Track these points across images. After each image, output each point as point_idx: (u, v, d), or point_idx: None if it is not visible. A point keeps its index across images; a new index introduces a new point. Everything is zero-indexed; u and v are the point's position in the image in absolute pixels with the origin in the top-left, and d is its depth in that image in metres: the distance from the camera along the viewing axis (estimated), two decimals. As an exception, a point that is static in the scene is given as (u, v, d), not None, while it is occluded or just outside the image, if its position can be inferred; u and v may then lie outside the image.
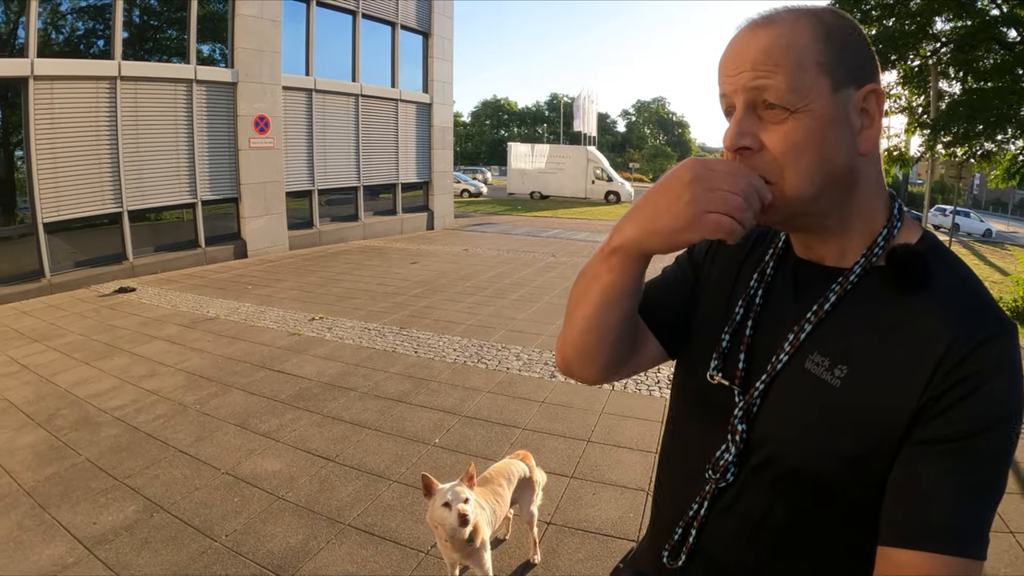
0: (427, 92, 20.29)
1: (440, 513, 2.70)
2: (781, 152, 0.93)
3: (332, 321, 8.62)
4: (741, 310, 1.12)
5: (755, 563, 1.05)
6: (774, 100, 0.92)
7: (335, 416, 5.46)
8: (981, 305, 0.91)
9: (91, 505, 4.00)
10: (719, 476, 1.06)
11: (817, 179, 0.94)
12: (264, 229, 14.74)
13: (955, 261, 0.97)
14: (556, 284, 11.95)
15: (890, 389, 0.89)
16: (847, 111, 0.93)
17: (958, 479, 0.83)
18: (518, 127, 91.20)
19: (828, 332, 0.98)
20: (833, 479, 0.94)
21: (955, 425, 0.84)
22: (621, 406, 5.88)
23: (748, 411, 1.04)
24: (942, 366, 0.86)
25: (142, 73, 12.01)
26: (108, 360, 6.83)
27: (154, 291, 10.53)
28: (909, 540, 0.84)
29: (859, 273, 0.98)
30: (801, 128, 0.92)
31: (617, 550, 3.69)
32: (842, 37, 0.93)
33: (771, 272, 1.12)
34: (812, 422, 0.96)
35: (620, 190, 38.84)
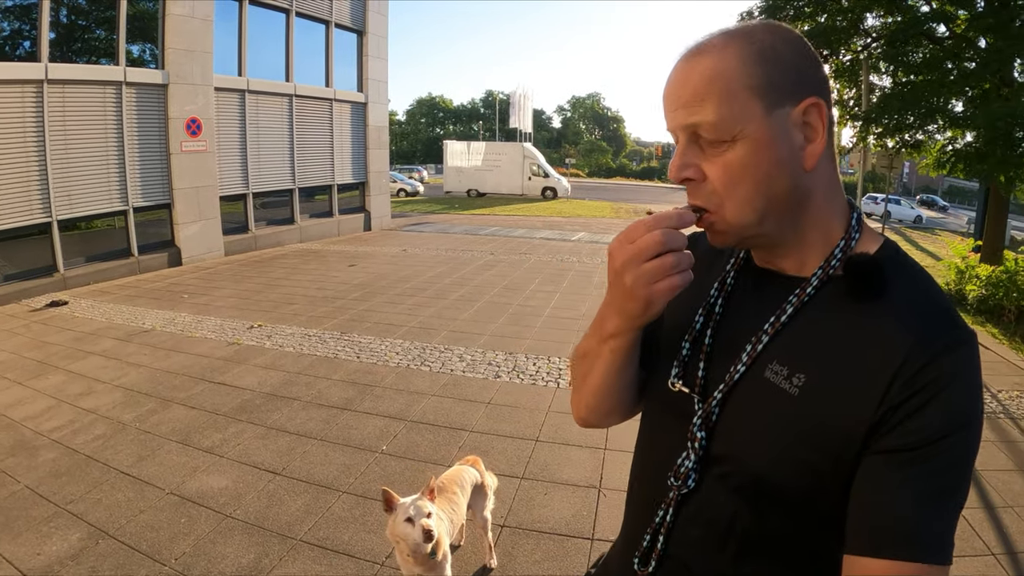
0: (362, 91, 20.04)
1: (403, 529, 2.67)
2: (720, 183, 0.95)
3: (271, 328, 8.48)
4: (701, 319, 1.13)
5: (725, 569, 1.04)
6: (707, 135, 0.94)
7: (279, 427, 5.38)
8: (939, 313, 0.92)
9: (34, 535, 3.83)
10: (680, 483, 1.06)
11: (758, 204, 0.96)
12: (198, 235, 14.36)
13: (914, 269, 0.98)
14: (496, 282, 11.98)
15: (848, 398, 0.90)
16: (786, 130, 0.93)
17: (919, 486, 0.84)
18: (454, 125, 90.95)
19: (787, 341, 0.99)
20: (795, 487, 0.94)
21: (914, 434, 0.85)
22: (567, 404, 5.84)
23: (707, 419, 1.04)
24: (900, 375, 0.86)
25: (70, 76, 11.55)
26: (42, 379, 6.58)
27: (87, 304, 10.18)
28: (872, 548, 0.85)
29: (816, 284, 0.98)
30: (738, 157, 0.93)
31: (573, 549, 3.74)
32: (774, 54, 0.93)
33: (731, 281, 1.13)
34: (770, 430, 0.96)
35: (557, 186, 39.04)
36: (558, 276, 12.75)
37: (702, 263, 1.16)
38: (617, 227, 23.54)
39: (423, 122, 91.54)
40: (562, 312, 9.63)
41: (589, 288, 11.59)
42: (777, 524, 0.98)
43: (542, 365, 7.02)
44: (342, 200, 19.77)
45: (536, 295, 10.89)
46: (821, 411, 0.91)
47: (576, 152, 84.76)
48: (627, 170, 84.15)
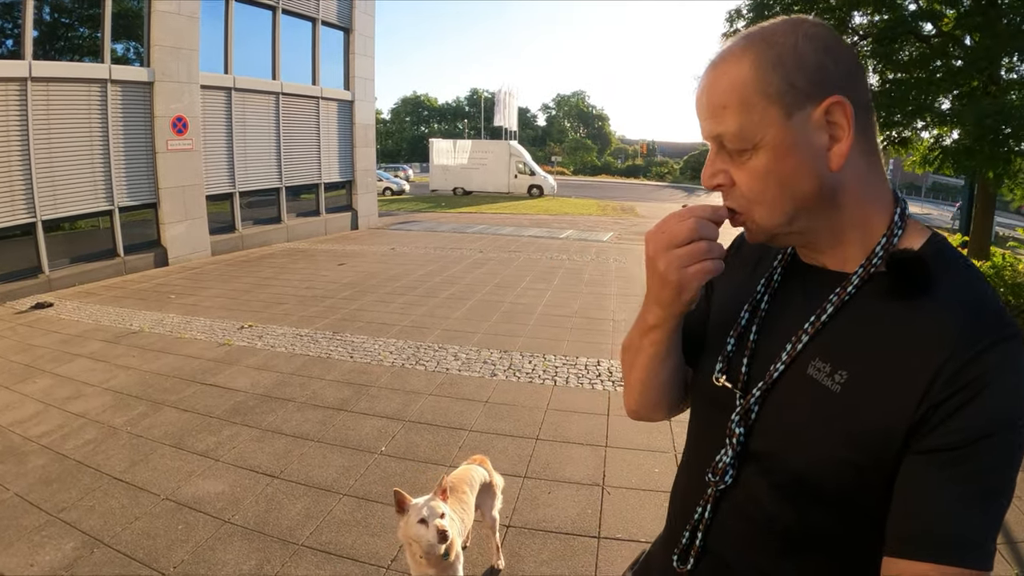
0: (349, 89, 19.88)
1: (416, 530, 2.60)
2: (747, 188, 0.98)
3: (262, 329, 8.37)
4: (746, 315, 1.13)
5: (765, 565, 1.05)
6: (730, 144, 0.97)
7: (275, 429, 5.28)
8: (984, 310, 0.89)
9: (26, 545, 3.71)
10: (718, 479, 1.07)
11: (785, 207, 0.97)
12: (185, 235, 14.19)
13: (961, 265, 0.95)
14: (487, 280, 11.92)
15: (889, 396, 0.88)
16: (807, 133, 0.93)
17: (959, 489, 0.82)
18: (439, 123, 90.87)
19: (830, 338, 0.98)
20: (835, 484, 0.93)
21: (955, 433, 0.83)
22: (566, 402, 5.88)
23: (746, 415, 1.04)
24: (942, 374, 0.84)
25: (54, 74, 11.36)
26: (29, 383, 6.44)
27: (73, 305, 10.02)
28: (909, 550, 0.84)
29: (857, 283, 0.98)
30: (761, 163, 0.95)
31: (580, 548, 3.68)
32: (794, 56, 0.92)
33: (778, 278, 1.13)
34: (812, 427, 0.95)
35: (543, 183, 38.98)
36: (549, 274, 12.70)
37: (750, 260, 1.21)
38: (604, 224, 23.58)
39: (408, 121, 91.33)
40: (555, 310, 9.58)
41: (580, 286, 11.55)
42: (817, 521, 0.97)
43: (538, 363, 6.96)
44: (329, 199, 19.64)
45: (527, 293, 10.83)
46: (863, 409, 0.90)
47: (561, 150, 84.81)
48: (612, 168, 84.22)
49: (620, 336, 7.83)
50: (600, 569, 3.52)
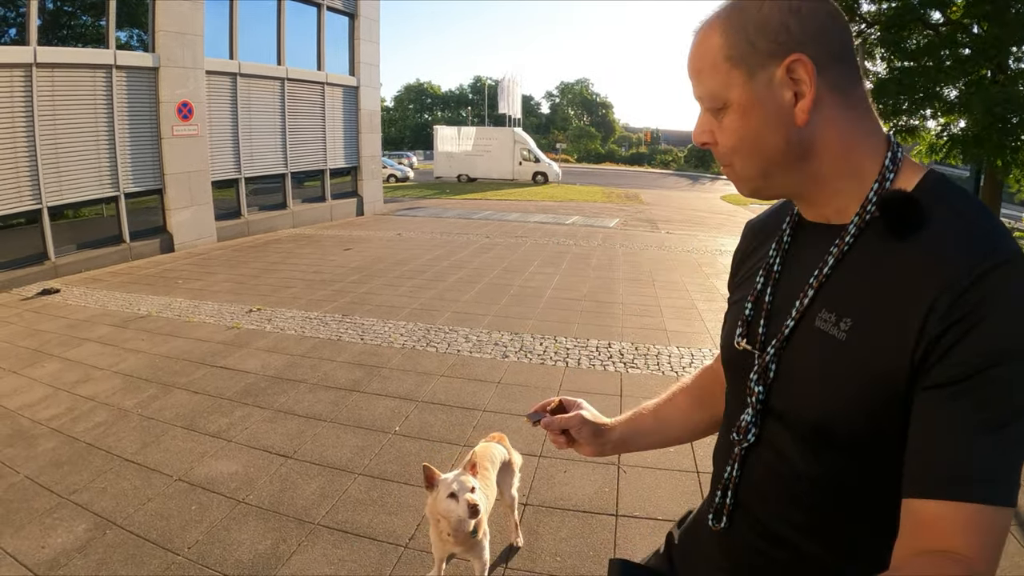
0: (354, 75, 19.76)
1: (446, 505, 2.54)
2: (724, 144, 1.04)
3: (271, 312, 8.32)
4: (761, 279, 1.17)
5: (795, 517, 1.06)
6: (707, 104, 1.03)
7: (287, 410, 5.24)
8: (977, 236, 0.88)
9: (37, 527, 3.66)
10: (741, 438, 1.11)
11: (756, 161, 1.02)
12: (191, 221, 14.13)
13: (956, 197, 0.95)
14: (494, 265, 11.87)
15: (891, 337, 0.89)
16: (771, 90, 0.97)
17: (968, 421, 0.81)
18: (442, 111, 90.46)
19: (834, 289, 1.01)
20: (851, 430, 0.95)
21: (958, 366, 0.82)
22: (579, 382, 5.86)
23: (764, 373, 1.07)
24: (937, 307, 0.84)
25: (59, 59, 11.27)
26: (37, 367, 6.39)
27: (79, 291, 9.96)
28: (923, 490, 0.83)
29: (854, 232, 0.99)
30: (731, 121, 1.01)
31: (598, 526, 3.66)
32: (758, 18, 0.96)
33: (788, 240, 1.17)
34: (823, 376, 0.98)
35: (548, 171, 38.90)
36: (556, 258, 12.65)
37: (771, 232, 1.23)
38: (609, 211, 23.52)
39: (411, 108, 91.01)
40: (564, 293, 9.54)
41: (588, 270, 11.51)
42: (840, 471, 0.99)
43: (549, 345, 6.92)
44: (334, 185, 19.57)
45: (536, 277, 10.79)
46: (867, 352, 0.92)
47: (565, 138, 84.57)
48: (616, 156, 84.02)
49: (630, 319, 7.88)
50: (619, 546, 3.49)
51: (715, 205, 31.22)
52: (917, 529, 0.83)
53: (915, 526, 0.83)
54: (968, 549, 0.79)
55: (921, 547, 0.82)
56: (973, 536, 0.79)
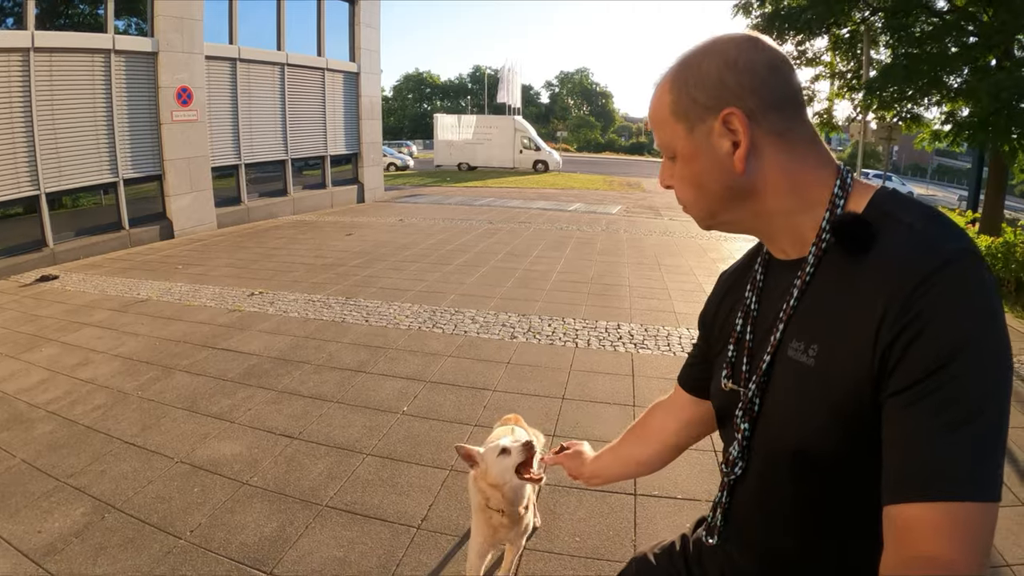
0: (354, 61, 19.54)
1: (499, 466, 2.26)
2: (677, 188, 1.13)
3: (273, 295, 8.18)
4: (740, 321, 1.21)
5: (787, 541, 1.11)
6: (664, 153, 1.13)
7: (291, 391, 5.11)
8: (920, 243, 0.89)
9: (33, 512, 3.52)
10: (728, 470, 1.17)
11: (702, 204, 1.11)
12: (190, 207, 13.95)
13: (902, 208, 0.97)
14: (498, 249, 11.76)
15: (851, 354, 0.92)
16: (709, 142, 1.03)
17: (931, 421, 0.81)
18: (441, 100, 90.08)
19: (802, 318, 1.04)
20: (832, 453, 0.97)
21: (913, 369, 0.83)
22: (589, 362, 5.76)
23: (749, 409, 1.12)
24: (887, 316, 0.86)
25: (57, 44, 11.07)
26: (35, 351, 6.24)
27: (78, 277, 9.80)
28: (898, 495, 0.83)
29: (813, 261, 1.02)
30: (680, 169, 1.10)
31: (617, 505, 3.57)
32: (697, 76, 1.03)
33: (761, 279, 1.20)
34: (798, 403, 1.01)
35: (548, 159, 38.79)
36: (560, 243, 12.54)
37: (740, 279, 1.29)
38: (611, 198, 23.44)
39: (410, 98, 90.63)
40: (570, 276, 9.43)
41: (593, 255, 11.40)
42: (824, 492, 1.02)
43: (557, 326, 6.79)
44: (335, 172, 19.39)
45: (541, 260, 10.68)
46: (836, 374, 0.94)
47: (565, 127, 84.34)
48: (616, 145, 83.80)
49: (637, 301, 7.78)
50: (639, 526, 3.38)
51: (717, 192, 31.09)
52: (899, 536, 0.82)
53: (897, 533, 0.83)
54: (950, 551, 0.78)
55: (905, 555, 0.81)
56: (953, 536, 0.78)
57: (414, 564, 3.06)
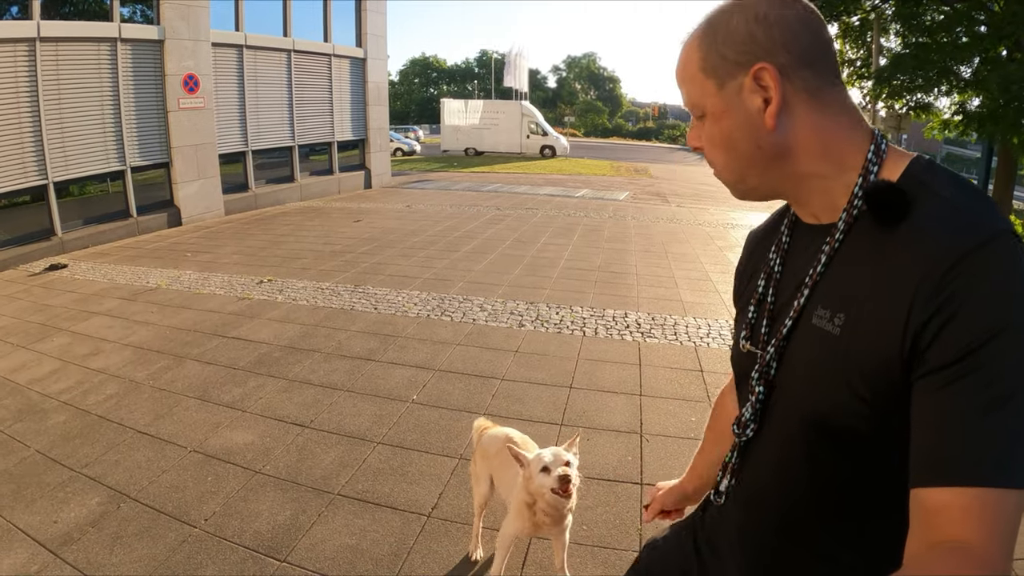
0: (361, 47, 19.48)
1: (540, 480, 2.46)
2: (707, 149, 1.10)
3: (282, 283, 8.23)
4: (762, 282, 1.20)
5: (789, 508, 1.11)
6: (692, 111, 1.10)
7: (302, 380, 5.16)
8: (959, 220, 0.87)
9: (49, 502, 3.57)
10: (740, 432, 1.16)
11: (733, 165, 1.08)
12: (198, 194, 13.98)
13: (940, 181, 0.94)
14: (506, 236, 11.78)
15: (881, 328, 0.89)
16: (740, 98, 1.01)
17: (964, 403, 0.79)
18: (448, 85, 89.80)
19: (829, 286, 1.02)
20: (848, 424, 0.95)
21: (949, 349, 0.81)
22: (597, 351, 5.79)
23: (764, 372, 1.11)
24: (920, 293, 0.84)
25: (63, 33, 11.05)
26: (46, 341, 6.29)
27: (87, 266, 9.85)
28: (927, 478, 0.81)
29: (843, 228, 1.00)
30: (709, 129, 1.07)
31: (623, 494, 3.61)
32: (726, 32, 1.01)
33: (786, 241, 1.19)
34: (821, 372, 0.99)
35: (555, 144, 38.65)
36: (567, 230, 12.55)
37: (767, 239, 1.27)
38: (619, 184, 23.41)
39: (416, 82, 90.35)
40: (577, 263, 9.46)
41: (600, 242, 11.41)
42: (833, 466, 1.01)
43: (565, 314, 6.82)
44: (342, 158, 19.38)
45: (548, 248, 10.70)
46: (861, 345, 0.92)
47: (572, 112, 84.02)
48: (623, 130, 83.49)
49: (645, 290, 7.78)
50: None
51: (725, 178, 31.00)
52: (926, 520, 0.80)
53: (924, 516, 0.80)
54: (979, 537, 0.75)
55: (932, 539, 0.79)
56: (982, 522, 0.76)
57: (425, 552, 3.11)
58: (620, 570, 3.01)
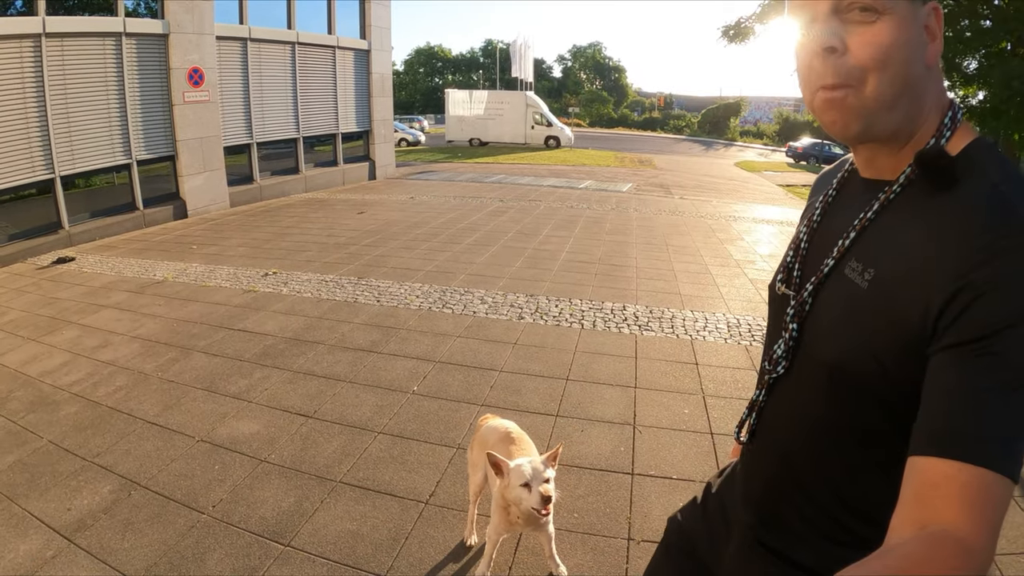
0: (365, 38, 19.57)
1: (517, 493, 2.52)
2: (867, 55, 0.96)
3: (286, 275, 8.36)
4: (804, 230, 1.25)
5: (797, 446, 1.16)
6: (859, 4, 0.96)
7: (306, 371, 5.29)
8: (1004, 206, 0.88)
9: (62, 490, 3.72)
10: (771, 367, 1.20)
11: (898, 83, 0.97)
12: (203, 187, 14.12)
13: (995, 165, 0.96)
14: (509, 228, 11.87)
15: (909, 291, 0.92)
16: (919, 22, 0.96)
17: (979, 381, 0.80)
18: (452, 75, 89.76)
19: (867, 240, 1.06)
20: (862, 375, 0.98)
21: (974, 326, 0.82)
22: (594, 344, 5.89)
23: (799, 311, 1.15)
24: (954, 270, 0.86)
25: (68, 28, 11.16)
26: (56, 334, 6.43)
27: (94, 259, 9.98)
28: (930, 448, 0.81)
29: (902, 183, 1.02)
30: (886, 32, 0.95)
31: (615, 484, 3.71)
32: None
33: (833, 194, 1.23)
34: (844, 322, 1.04)
35: (560, 135, 38.67)
36: (569, 222, 12.63)
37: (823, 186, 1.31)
38: (622, 176, 23.44)
39: (421, 72, 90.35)
40: (578, 256, 9.55)
41: (602, 234, 11.49)
42: (846, 409, 1.04)
43: (564, 307, 6.94)
44: (346, 149, 19.48)
45: (550, 240, 10.79)
46: (885, 303, 0.96)
47: (577, 102, 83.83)
48: (629, 120, 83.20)
49: (644, 283, 7.89)
50: (635, 505, 3.54)
51: (728, 171, 31.01)
52: (921, 491, 0.80)
53: (919, 488, 0.80)
54: (971, 523, 0.75)
55: (922, 517, 0.78)
56: (977, 505, 0.76)
57: (422, 537, 3.25)
58: (610, 557, 3.15)
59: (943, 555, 0.73)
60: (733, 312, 6.96)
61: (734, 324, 6.55)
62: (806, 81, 1.05)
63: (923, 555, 0.74)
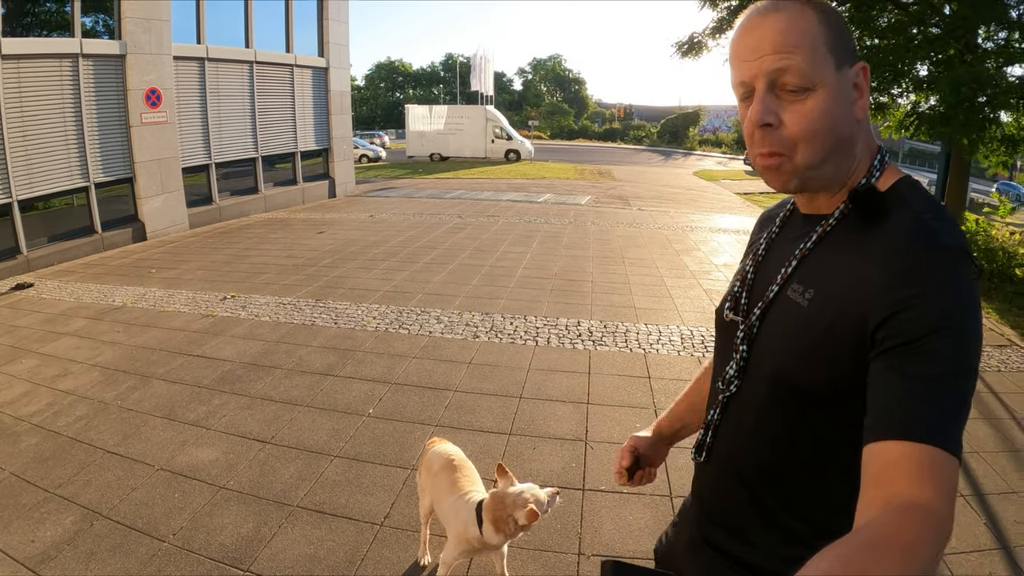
0: (323, 56, 19.61)
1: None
2: (799, 128, 1.09)
3: (245, 299, 8.39)
4: (750, 261, 1.37)
5: (754, 460, 1.25)
6: (795, 80, 1.07)
7: (264, 396, 5.37)
8: (925, 231, 1.02)
9: (25, 522, 3.76)
10: (725, 387, 1.30)
11: (828, 147, 1.10)
12: (162, 209, 14.04)
13: (918, 199, 1.10)
14: (466, 245, 11.99)
15: (842, 308, 1.05)
16: (847, 85, 1.10)
17: (914, 374, 0.92)
18: (414, 89, 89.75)
19: (808, 265, 1.19)
20: (811, 386, 1.10)
21: (903, 335, 0.94)
22: (547, 361, 6.02)
23: (748, 333, 1.26)
24: (882, 286, 0.99)
25: (24, 50, 11.08)
26: (15, 364, 6.41)
27: (53, 284, 9.90)
28: (880, 433, 0.92)
29: (837, 216, 1.16)
30: (817, 105, 1.07)
31: (566, 499, 3.81)
32: (836, 21, 1.09)
33: (776, 230, 1.36)
34: (788, 338, 1.15)
35: (520, 148, 38.81)
36: (527, 238, 12.79)
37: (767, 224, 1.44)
38: (581, 188, 23.64)
39: (382, 87, 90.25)
40: (534, 272, 9.70)
41: (559, 248, 11.67)
42: (798, 420, 1.15)
43: (519, 324, 7.08)
44: (306, 167, 19.43)
45: (507, 256, 10.94)
46: (824, 319, 1.08)
47: (538, 114, 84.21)
48: (589, 132, 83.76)
49: (599, 296, 8.05)
50: (586, 520, 3.67)
51: (687, 181, 31.46)
52: (881, 471, 0.89)
53: (879, 469, 0.89)
54: (931, 491, 0.84)
55: (886, 494, 0.86)
56: (934, 478, 0.85)
57: (377, 559, 3.36)
58: (560, 572, 3.28)
59: (914, 520, 0.82)
60: (687, 324, 7.15)
61: (687, 336, 6.74)
62: (748, 144, 1.17)
63: (897, 523, 0.82)
